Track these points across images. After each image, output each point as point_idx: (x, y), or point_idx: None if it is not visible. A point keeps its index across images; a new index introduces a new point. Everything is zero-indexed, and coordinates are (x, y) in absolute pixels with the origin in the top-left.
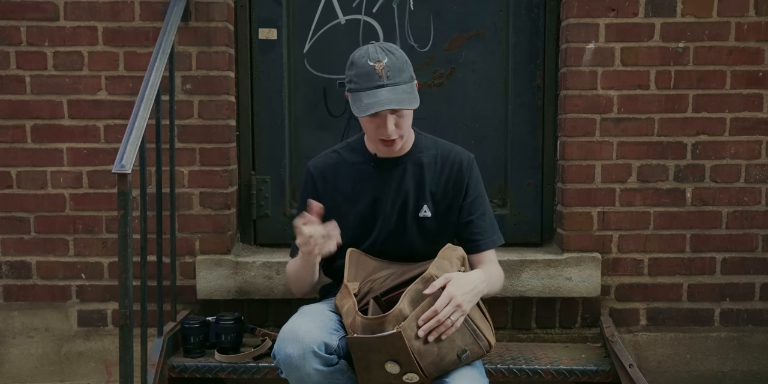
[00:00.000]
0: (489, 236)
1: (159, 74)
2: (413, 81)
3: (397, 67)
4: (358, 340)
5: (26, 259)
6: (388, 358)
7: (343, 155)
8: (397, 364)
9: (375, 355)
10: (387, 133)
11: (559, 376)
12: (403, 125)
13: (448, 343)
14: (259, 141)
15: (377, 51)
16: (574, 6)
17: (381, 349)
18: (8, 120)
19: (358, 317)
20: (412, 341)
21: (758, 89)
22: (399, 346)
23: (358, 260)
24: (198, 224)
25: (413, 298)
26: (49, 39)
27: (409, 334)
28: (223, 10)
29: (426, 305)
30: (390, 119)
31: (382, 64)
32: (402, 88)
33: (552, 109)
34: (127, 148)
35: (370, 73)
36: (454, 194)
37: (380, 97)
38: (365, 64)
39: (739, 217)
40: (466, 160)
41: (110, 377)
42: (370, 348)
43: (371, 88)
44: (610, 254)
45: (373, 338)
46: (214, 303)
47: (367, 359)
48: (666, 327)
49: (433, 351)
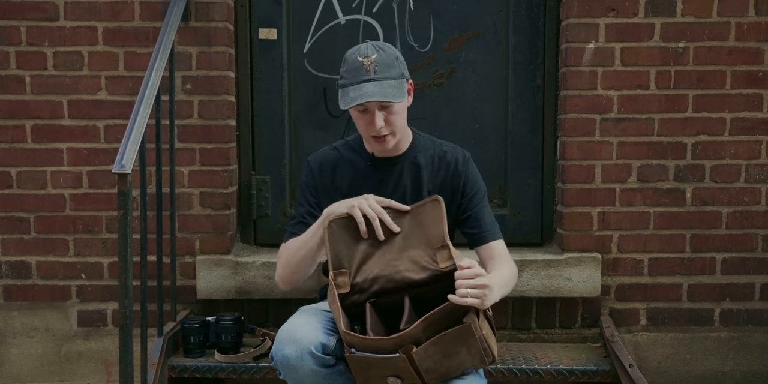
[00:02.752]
0: (489, 229)
1: (159, 74)
2: (403, 78)
3: (385, 62)
4: (360, 359)
5: (26, 259)
6: (391, 373)
7: (341, 152)
8: (400, 379)
9: (376, 370)
10: (375, 128)
11: (559, 376)
12: (394, 122)
13: (458, 364)
14: (259, 141)
15: (368, 48)
16: (574, 6)
17: (383, 367)
18: (8, 120)
19: (356, 338)
20: (423, 362)
21: (758, 89)
22: (403, 367)
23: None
24: (198, 224)
25: (431, 324)
26: (49, 39)
27: (421, 356)
28: (223, 10)
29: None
30: (378, 115)
31: (370, 59)
32: (389, 82)
33: (552, 109)
34: (127, 148)
35: (359, 69)
36: (451, 193)
37: (365, 90)
38: (355, 59)
39: (739, 217)
40: (461, 158)
41: (110, 377)
42: (371, 365)
43: (358, 83)
44: (610, 254)
45: (378, 358)
46: (214, 303)
47: (368, 374)
48: (666, 327)
49: (441, 370)
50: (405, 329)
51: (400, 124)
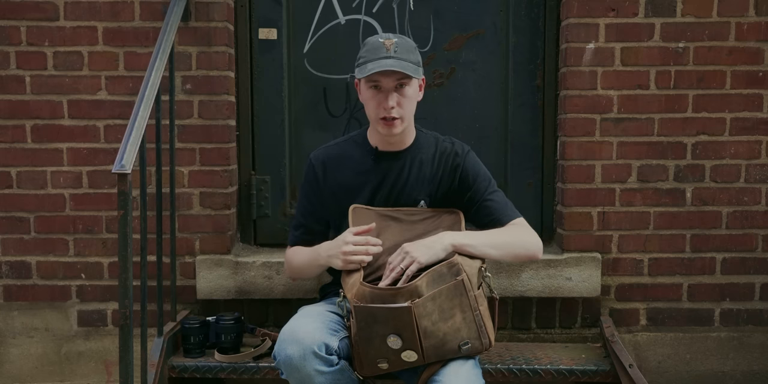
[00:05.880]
0: (503, 213)
1: (159, 74)
2: (420, 66)
3: (405, 47)
4: (366, 309)
5: (26, 259)
6: (392, 331)
7: (344, 148)
8: (400, 339)
9: (380, 327)
10: (387, 107)
11: (559, 376)
12: (405, 106)
13: (454, 331)
14: (259, 141)
15: (389, 34)
16: (574, 6)
17: (387, 322)
18: (8, 120)
19: (368, 288)
20: (422, 319)
21: (758, 89)
22: (406, 321)
23: (361, 217)
24: (198, 224)
25: (434, 279)
26: (49, 39)
27: (421, 312)
28: (223, 10)
29: (445, 290)
30: (392, 95)
31: (391, 41)
32: (408, 63)
33: (552, 109)
34: (127, 148)
35: (379, 48)
36: (449, 185)
37: (384, 63)
38: (376, 41)
39: (739, 217)
40: (461, 151)
41: (110, 377)
42: (375, 319)
43: (378, 59)
44: (610, 254)
45: (383, 308)
46: (214, 303)
47: (370, 330)
48: (666, 327)
49: (438, 334)
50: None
51: (409, 110)
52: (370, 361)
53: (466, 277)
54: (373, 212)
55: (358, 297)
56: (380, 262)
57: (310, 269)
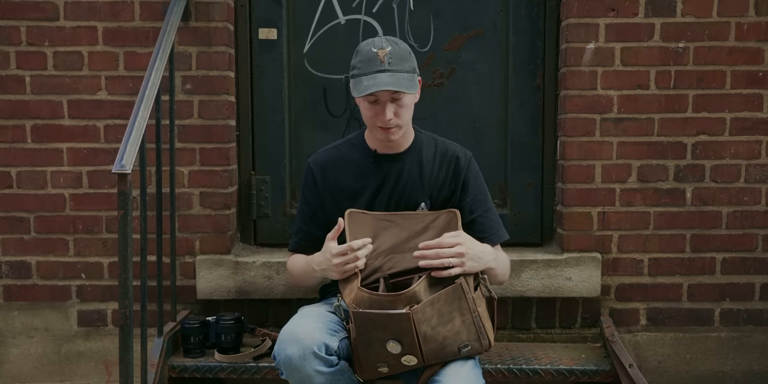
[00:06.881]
0: (494, 232)
1: (159, 74)
2: (415, 73)
3: (399, 56)
4: (365, 315)
5: (26, 259)
6: (392, 337)
7: (343, 151)
8: (400, 344)
9: (379, 332)
10: (385, 119)
11: (559, 376)
12: (402, 115)
13: (454, 334)
14: (259, 141)
15: (382, 40)
16: (574, 6)
17: (386, 328)
18: (8, 120)
19: (366, 294)
20: (421, 325)
21: (758, 89)
22: (405, 327)
23: (358, 222)
24: (198, 224)
25: (431, 283)
26: (49, 39)
27: (420, 318)
28: (223, 10)
29: (444, 294)
30: (389, 106)
31: (385, 51)
32: (402, 75)
33: (552, 109)
34: (127, 148)
35: (373, 59)
36: (451, 191)
37: (379, 80)
38: (369, 51)
39: (739, 217)
40: (463, 157)
41: (110, 377)
42: (374, 324)
43: (372, 73)
44: (610, 254)
45: (382, 314)
46: (214, 303)
47: (369, 335)
48: (666, 327)
49: (438, 339)
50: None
51: (407, 118)
52: (370, 365)
53: (463, 279)
54: (370, 216)
55: (356, 302)
56: (376, 264)
57: (309, 280)
